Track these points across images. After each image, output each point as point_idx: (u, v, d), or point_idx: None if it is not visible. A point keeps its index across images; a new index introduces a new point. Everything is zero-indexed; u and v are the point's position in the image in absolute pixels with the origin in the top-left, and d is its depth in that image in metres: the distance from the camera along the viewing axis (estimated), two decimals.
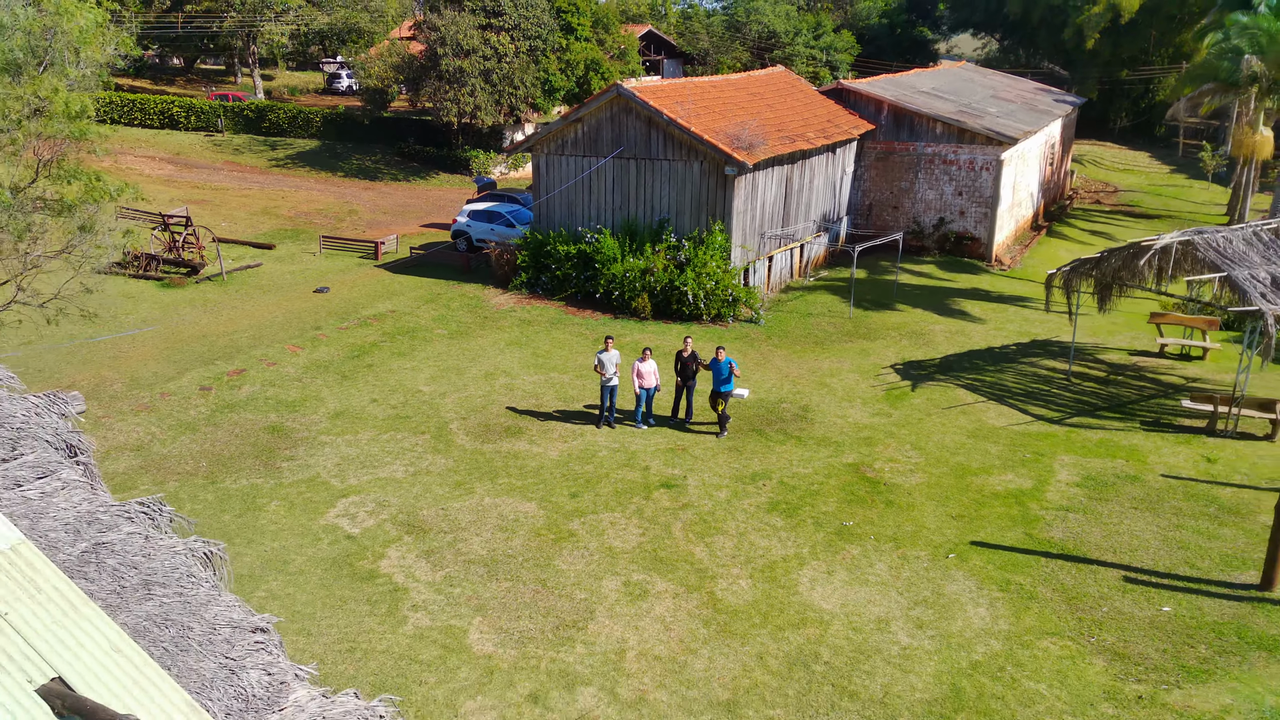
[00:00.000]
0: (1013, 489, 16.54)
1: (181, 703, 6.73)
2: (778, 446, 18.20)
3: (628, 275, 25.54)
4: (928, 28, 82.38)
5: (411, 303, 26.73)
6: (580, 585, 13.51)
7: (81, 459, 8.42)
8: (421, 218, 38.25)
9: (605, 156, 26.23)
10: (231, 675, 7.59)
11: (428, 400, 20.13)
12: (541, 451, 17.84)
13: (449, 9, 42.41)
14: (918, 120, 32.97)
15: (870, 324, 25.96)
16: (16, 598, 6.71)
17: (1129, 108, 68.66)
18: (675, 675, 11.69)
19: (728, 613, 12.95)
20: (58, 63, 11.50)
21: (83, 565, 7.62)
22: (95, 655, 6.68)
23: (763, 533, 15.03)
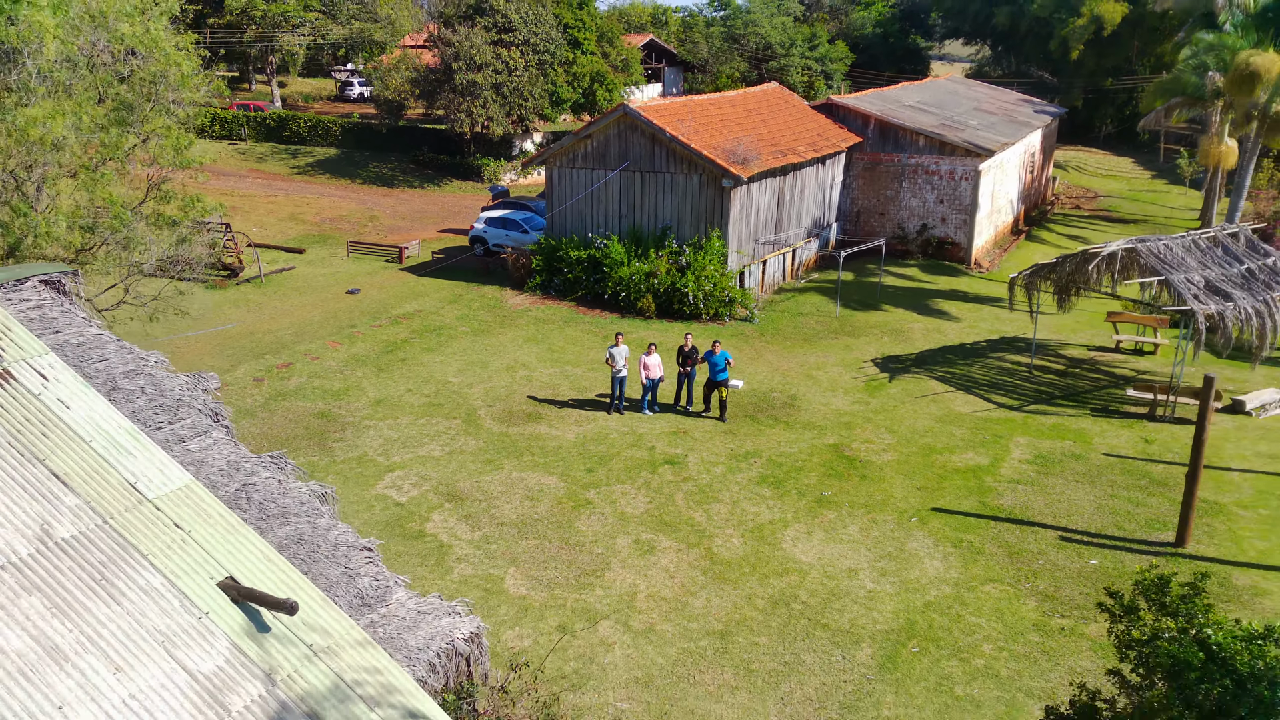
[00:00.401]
0: (972, 465, 18.91)
1: (318, 596, 9.14)
2: (768, 429, 20.57)
3: (634, 278, 27.92)
4: (920, 36, 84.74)
5: (436, 303, 29.11)
6: (597, 542, 15.89)
7: (223, 423, 10.80)
8: (439, 223, 40.64)
9: (613, 170, 28.62)
10: (350, 579, 10.07)
11: (457, 390, 22.50)
12: (560, 434, 20.21)
13: (463, 25, 44.78)
14: (902, 133, 35.33)
15: (855, 322, 28.34)
16: (194, 521, 9.10)
17: (1113, 115, 70.95)
18: (678, 612, 14.07)
19: (722, 564, 15.32)
20: (164, 103, 13.78)
21: (236, 500, 10.07)
22: (254, 562, 9.09)
23: (753, 501, 17.40)
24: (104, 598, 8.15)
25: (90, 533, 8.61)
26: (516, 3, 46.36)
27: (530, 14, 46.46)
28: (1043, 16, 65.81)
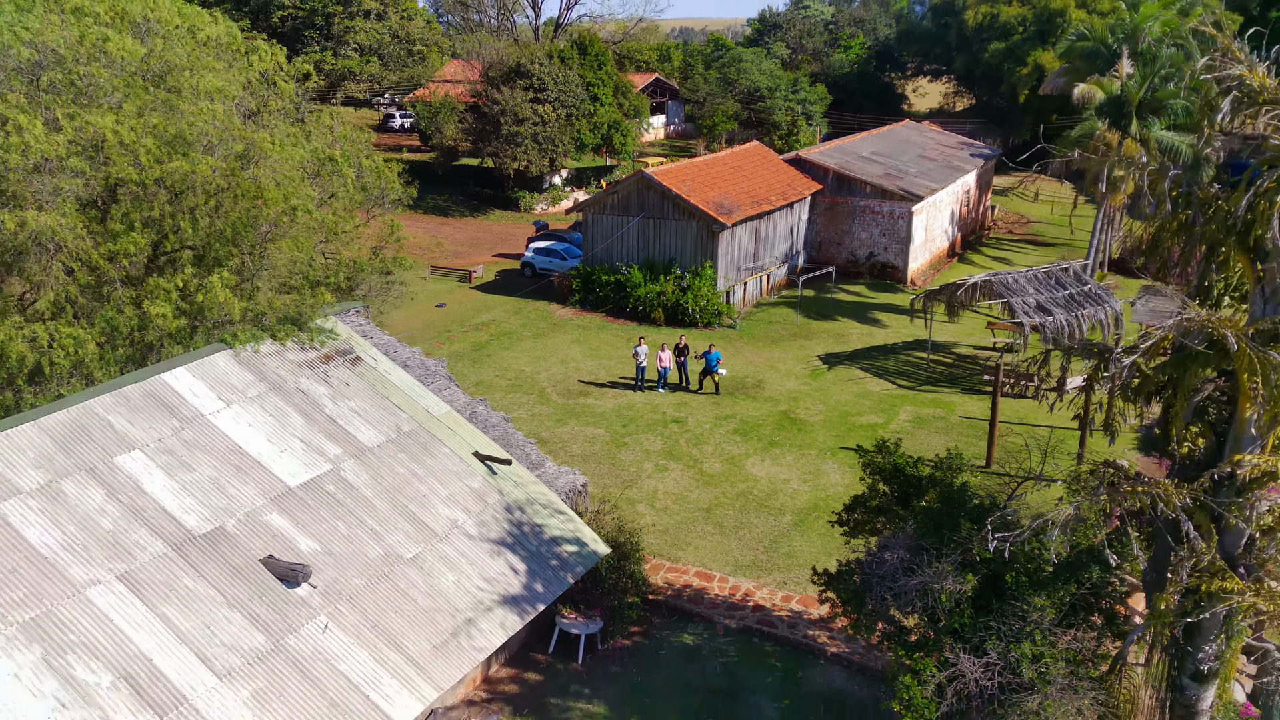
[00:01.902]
0: (871, 423, 28.73)
1: (520, 466, 19.11)
2: (741, 401, 30.45)
3: (649, 296, 37.78)
4: (895, 73, 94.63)
5: (503, 314, 39.01)
6: (631, 465, 25.73)
7: (454, 383, 20.66)
8: (492, 248, 50.51)
9: (634, 218, 38.50)
10: (525, 455, 19.86)
11: (528, 375, 32.36)
12: (602, 404, 30.06)
13: (506, 87, 54.67)
14: (854, 182, 45.17)
15: (810, 328, 38.19)
16: (455, 426, 19.15)
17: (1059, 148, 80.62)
18: (681, 500, 23.92)
19: (707, 476, 25.18)
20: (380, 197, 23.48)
21: (470, 418, 19.83)
22: (483, 445, 19.10)
23: (728, 443, 27.27)
24: (426, 457, 18.19)
25: (414, 431, 18.59)
26: (548, 66, 56.27)
27: (559, 75, 56.36)
28: (994, 64, 75.54)
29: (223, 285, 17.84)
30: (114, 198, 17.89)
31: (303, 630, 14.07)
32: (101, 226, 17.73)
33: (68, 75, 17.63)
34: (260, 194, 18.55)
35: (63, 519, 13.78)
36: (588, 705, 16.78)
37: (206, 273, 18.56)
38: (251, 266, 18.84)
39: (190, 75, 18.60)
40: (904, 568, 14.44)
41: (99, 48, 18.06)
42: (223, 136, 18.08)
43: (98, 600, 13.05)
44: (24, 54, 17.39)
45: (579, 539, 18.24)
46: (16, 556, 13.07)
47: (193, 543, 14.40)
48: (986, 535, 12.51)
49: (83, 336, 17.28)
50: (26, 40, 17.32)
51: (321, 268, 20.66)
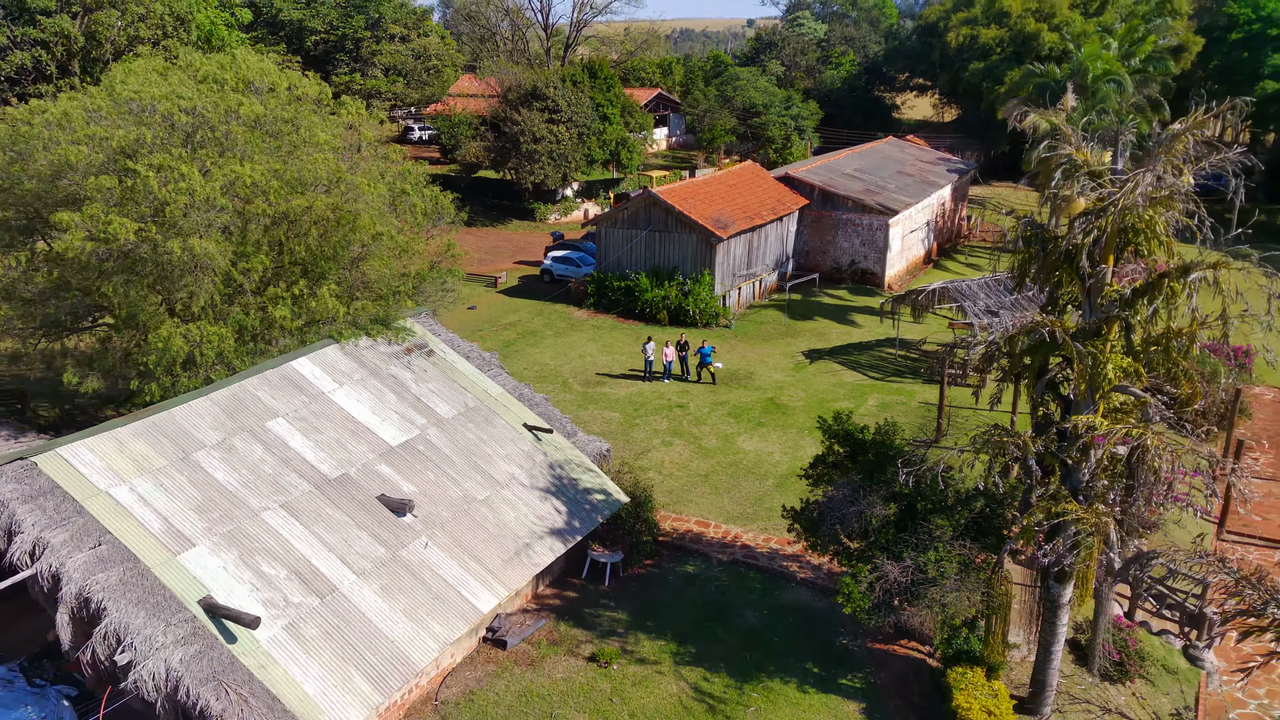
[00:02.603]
0: (844, 408, 33.66)
1: (559, 435, 24.41)
2: (735, 390, 35.57)
3: (655, 299, 42.88)
4: (884, 88, 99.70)
5: (527, 315, 44.15)
6: (643, 441, 30.86)
7: (505, 371, 25.86)
8: (512, 256, 55.64)
9: (642, 231, 43.63)
10: (562, 425, 25.10)
11: (553, 368, 37.47)
12: (616, 392, 35.17)
13: (524, 109, 59.82)
14: (837, 197, 50.27)
15: (796, 328, 43.31)
16: (508, 403, 24.55)
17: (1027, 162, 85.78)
18: (684, 468, 29.06)
19: (705, 450, 30.32)
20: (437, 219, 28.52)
21: (518, 397, 25.07)
22: (530, 418, 24.44)
23: (723, 423, 32.40)
24: (488, 426, 23.46)
25: (477, 407, 23.86)
26: (562, 89, 61.40)
27: (572, 97, 61.49)
28: (974, 82, 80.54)
29: (330, 294, 23.00)
30: (246, 226, 23.02)
31: (410, 546, 19.23)
32: (237, 249, 22.85)
33: (213, 133, 22.78)
34: (355, 223, 23.71)
35: (237, 464, 18.94)
36: (613, 614, 21.90)
37: (313, 284, 23.73)
38: (349, 279, 23.98)
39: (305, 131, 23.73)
40: (848, 503, 19.60)
41: (234, 111, 23.21)
42: (330, 179, 23.22)
43: (269, 520, 18.21)
44: (182, 119, 22.53)
45: (605, 490, 23.40)
46: (211, 490, 18.23)
47: (328, 484, 19.56)
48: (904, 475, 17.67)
49: (224, 333, 22.44)
50: (184, 108, 22.44)
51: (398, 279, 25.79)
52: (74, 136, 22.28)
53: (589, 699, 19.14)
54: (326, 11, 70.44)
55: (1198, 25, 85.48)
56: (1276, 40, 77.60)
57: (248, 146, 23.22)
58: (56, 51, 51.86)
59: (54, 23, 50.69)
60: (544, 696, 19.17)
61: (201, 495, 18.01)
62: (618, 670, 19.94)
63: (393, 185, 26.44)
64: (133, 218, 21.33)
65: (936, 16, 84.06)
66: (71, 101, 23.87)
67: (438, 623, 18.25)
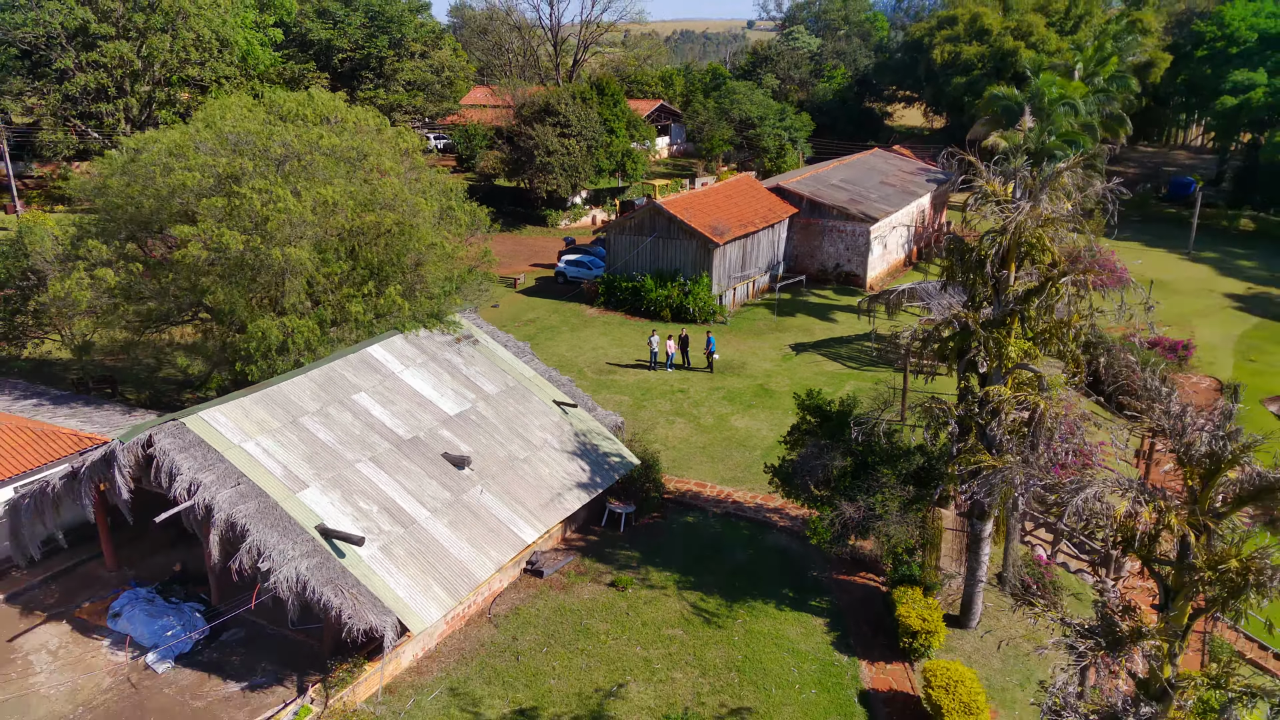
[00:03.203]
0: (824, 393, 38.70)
1: (582, 409, 29.52)
2: (729, 377, 40.51)
3: (658, 298, 47.80)
4: (874, 99, 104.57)
5: (544, 313, 49.09)
6: (649, 419, 35.80)
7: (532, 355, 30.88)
8: (528, 259, 60.57)
9: (647, 237, 48.56)
10: (584, 403, 30.17)
11: (569, 359, 42.38)
12: (625, 379, 40.09)
13: (538, 124, 64.77)
14: (823, 206, 55.17)
15: (784, 324, 48.25)
16: (540, 383, 29.75)
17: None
18: (685, 441, 34.01)
19: (703, 427, 35.27)
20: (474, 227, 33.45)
21: (549, 380, 30.12)
22: (559, 395, 29.53)
23: (719, 406, 37.34)
24: (525, 402, 28.58)
25: (516, 386, 29.02)
26: (572, 106, 66.35)
27: (581, 113, 66.45)
28: (956, 95, 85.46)
29: (395, 293, 27.96)
30: (328, 238, 27.96)
31: (469, 492, 24.17)
32: (320, 256, 27.80)
33: (300, 162, 27.72)
34: (414, 235, 28.66)
35: (333, 427, 23.89)
36: (628, 553, 26.83)
37: (380, 285, 28.68)
38: (409, 280, 28.95)
39: (373, 158, 28.70)
40: (815, 459, 24.54)
41: (315, 143, 28.16)
42: (396, 199, 28.17)
43: (362, 469, 23.16)
44: (276, 150, 27.46)
45: (620, 454, 28.35)
46: (316, 446, 23.18)
47: (404, 444, 24.52)
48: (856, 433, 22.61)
49: (310, 325, 27.38)
50: (278, 141, 27.37)
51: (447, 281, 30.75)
52: (187, 164, 27.23)
53: (610, 613, 24.10)
54: (352, 32, 75.37)
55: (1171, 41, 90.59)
56: (1237, 57, 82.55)
57: (327, 172, 28.16)
58: (116, 74, 56.81)
59: (114, 48, 55.63)
60: (575, 611, 24.12)
61: (309, 450, 22.96)
62: (632, 593, 24.90)
63: (440, 201, 31.37)
64: (239, 231, 26.26)
65: (922, 33, 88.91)
66: (182, 134, 28.81)
67: (493, 549, 23.21)
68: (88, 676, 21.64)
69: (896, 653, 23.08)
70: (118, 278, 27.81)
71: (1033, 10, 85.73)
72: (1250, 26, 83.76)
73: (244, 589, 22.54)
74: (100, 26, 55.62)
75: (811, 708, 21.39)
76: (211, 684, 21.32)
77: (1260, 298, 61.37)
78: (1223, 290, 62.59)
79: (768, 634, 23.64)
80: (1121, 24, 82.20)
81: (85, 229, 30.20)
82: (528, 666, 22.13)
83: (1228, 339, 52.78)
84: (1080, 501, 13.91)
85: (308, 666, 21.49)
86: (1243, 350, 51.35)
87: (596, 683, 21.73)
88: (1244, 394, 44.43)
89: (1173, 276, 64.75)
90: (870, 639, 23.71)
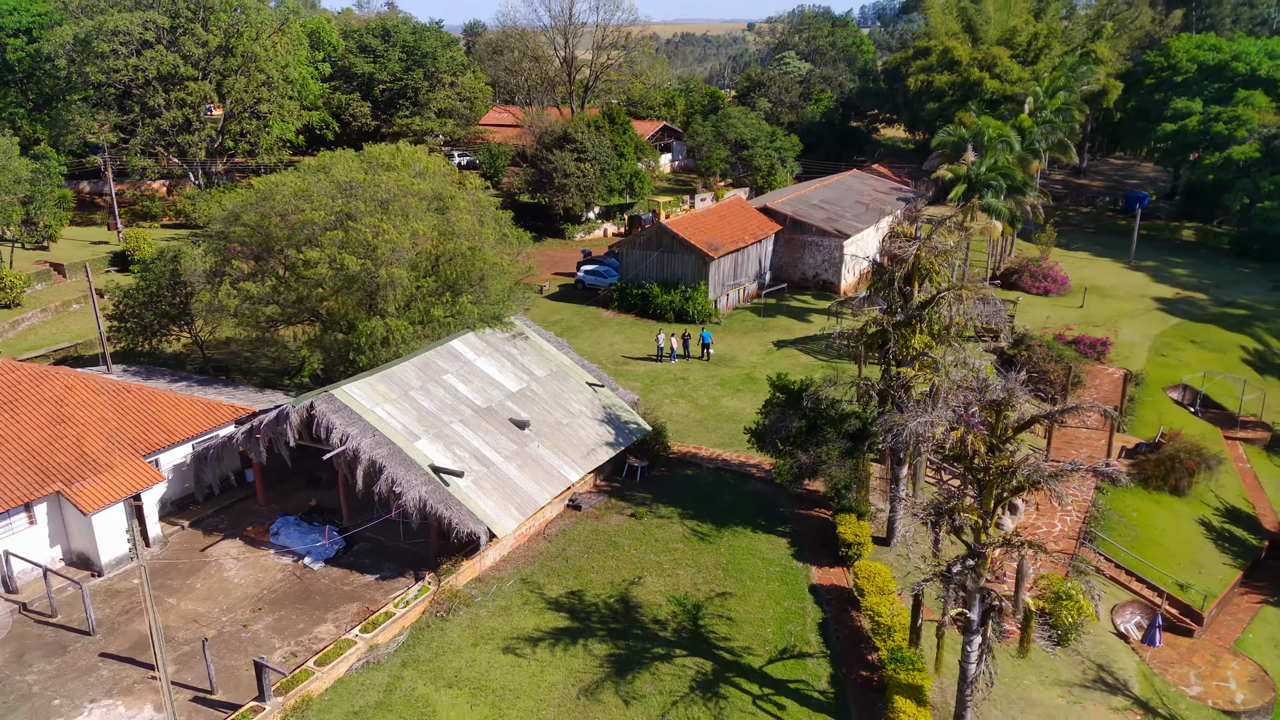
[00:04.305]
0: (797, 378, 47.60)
1: (608, 389, 38.62)
2: (722, 368, 49.41)
3: (664, 303, 56.67)
4: (859, 119, 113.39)
5: (568, 315, 57.97)
6: (658, 400, 44.71)
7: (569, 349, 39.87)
8: (551, 268, 69.40)
9: (654, 251, 57.46)
10: (609, 383, 39.15)
11: (590, 353, 51.21)
12: (636, 369, 48.96)
13: (557, 151, 73.70)
14: (804, 224, 64.02)
15: (769, 324, 57.11)
16: (575, 368, 39.01)
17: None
18: (686, 417, 42.93)
19: (699, 406, 44.20)
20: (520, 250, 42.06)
21: (582, 367, 39.15)
22: (590, 378, 38.65)
23: (713, 390, 46.26)
24: (566, 383, 37.79)
25: (558, 371, 38.27)
26: (587, 134, 75.26)
27: (595, 140, 75.38)
28: (929, 119, 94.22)
29: (467, 301, 36.87)
30: (418, 260, 36.83)
31: (529, 446, 33.08)
32: (413, 273, 36.67)
33: (397, 203, 36.60)
34: (481, 257, 37.55)
35: (432, 398, 32.80)
36: (643, 495, 35.67)
37: (456, 295, 37.59)
38: (476, 291, 37.88)
39: (449, 200, 37.61)
40: (780, 423, 33.43)
41: (408, 188, 37.04)
42: (469, 231, 37.05)
43: (455, 428, 32.07)
44: (380, 194, 36.34)
45: (637, 423, 37.24)
46: (422, 411, 32.09)
47: (481, 411, 33.44)
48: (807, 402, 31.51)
49: (406, 325, 36.24)
50: (382, 187, 36.26)
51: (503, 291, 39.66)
52: (313, 205, 36.12)
53: (631, 534, 32.98)
54: (391, 65, 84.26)
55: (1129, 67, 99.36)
56: (1179, 86, 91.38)
57: (417, 210, 37.06)
58: (200, 110, 65.76)
59: (199, 87, 64.57)
60: (605, 533, 33.00)
61: (417, 413, 31.86)
62: (647, 521, 33.76)
63: (496, 229, 40.28)
64: (354, 256, 35.14)
65: (898, 63, 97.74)
66: (302, 179, 37.69)
67: (547, 485, 32.13)
68: (265, 572, 30.54)
69: (837, 560, 31.97)
70: (258, 288, 36.72)
71: (997, 43, 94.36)
72: (1191, 58, 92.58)
73: (368, 516, 31.46)
74: (186, 69, 64.54)
75: (774, 594, 30.29)
76: (353, 576, 30.21)
77: (1184, 301, 70.27)
78: (1153, 295, 71.45)
79: (745, 548, 32.54)
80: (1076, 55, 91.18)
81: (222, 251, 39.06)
82: (574, 566, 31.03)
83: (1147, 337, 61.56)
84: (915, 426, 22.77)
85: (419, 566, 30.34)
86: (1157, 347, 60.20)
87: (623, 576, 30.63)
88: (1146, 381, 53.38)
89: (1112, 283, 73.61)
90: (819, 552, 32.60)
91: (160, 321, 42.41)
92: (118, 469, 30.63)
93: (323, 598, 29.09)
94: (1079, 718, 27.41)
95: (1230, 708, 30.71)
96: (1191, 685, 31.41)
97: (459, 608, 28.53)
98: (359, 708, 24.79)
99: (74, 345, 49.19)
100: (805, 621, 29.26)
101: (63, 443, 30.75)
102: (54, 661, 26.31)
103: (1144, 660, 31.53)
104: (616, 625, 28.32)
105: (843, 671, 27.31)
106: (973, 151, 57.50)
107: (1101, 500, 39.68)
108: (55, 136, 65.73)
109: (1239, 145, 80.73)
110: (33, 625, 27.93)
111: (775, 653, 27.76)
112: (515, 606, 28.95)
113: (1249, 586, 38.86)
